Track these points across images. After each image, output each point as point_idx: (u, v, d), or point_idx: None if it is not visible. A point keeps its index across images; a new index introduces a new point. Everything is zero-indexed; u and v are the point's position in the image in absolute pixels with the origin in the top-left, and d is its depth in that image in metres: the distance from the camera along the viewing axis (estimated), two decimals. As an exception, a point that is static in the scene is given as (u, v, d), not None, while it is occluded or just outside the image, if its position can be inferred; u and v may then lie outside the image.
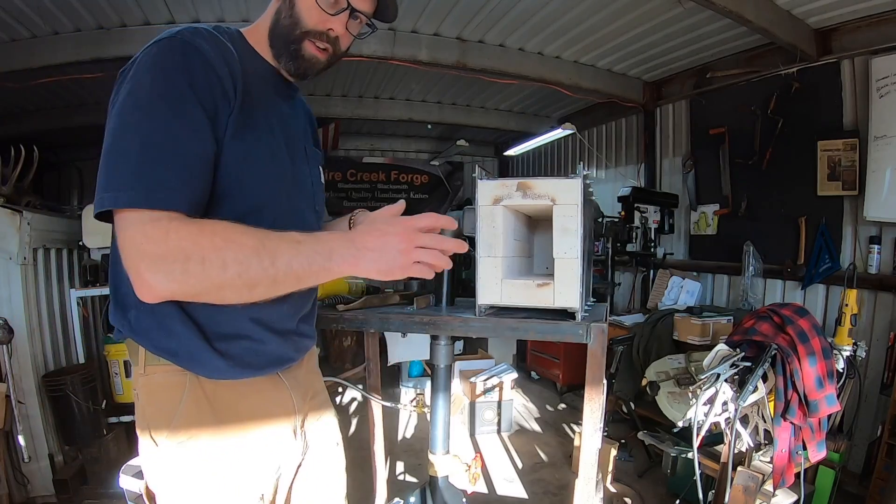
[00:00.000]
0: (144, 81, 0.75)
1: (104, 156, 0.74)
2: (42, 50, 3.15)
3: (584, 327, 1.12)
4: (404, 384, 4.11)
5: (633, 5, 2.95)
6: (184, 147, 0.75)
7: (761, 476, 1.64)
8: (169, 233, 0.70)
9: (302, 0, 0.89)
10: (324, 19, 0.90)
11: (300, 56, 0.92)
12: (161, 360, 0.84)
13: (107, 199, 0.71)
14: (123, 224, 0.72)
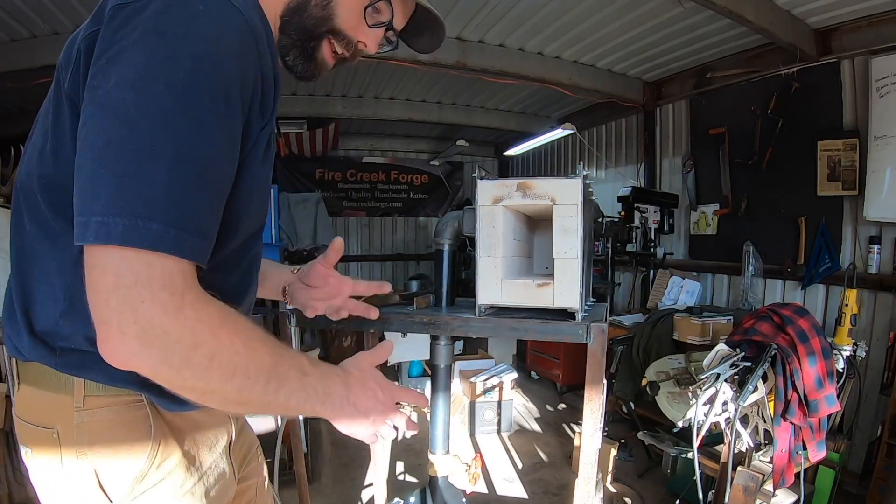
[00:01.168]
0: (184, 58, 0.53)
1: (110, 152, 0.52)
2: (42, 50, 3.15)
3: (584, 327, 1.12)
4: (404, 384, 4.11)
5: (633, 5, 2.95)
6: (225, 171, 0.59)
7: (761, 476, 1.64)
8: (185, 307, 0.53)
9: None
10: (360, 27, 0.79)
11: (313, 58, 0.79)
12: (111, 391, 0.66)
13: (118, 231, 0.50)
14: (123, 269, 0.51)
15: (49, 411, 0.67)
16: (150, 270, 0.52)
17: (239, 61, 0.59)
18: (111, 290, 0.51)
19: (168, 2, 0.55)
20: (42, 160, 0.65)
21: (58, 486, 0.68)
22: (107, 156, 0.52)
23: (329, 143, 5.97)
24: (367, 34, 0.81)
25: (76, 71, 0.60)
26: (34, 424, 0.69)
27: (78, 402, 0.66)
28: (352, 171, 6.83)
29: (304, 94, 4.79)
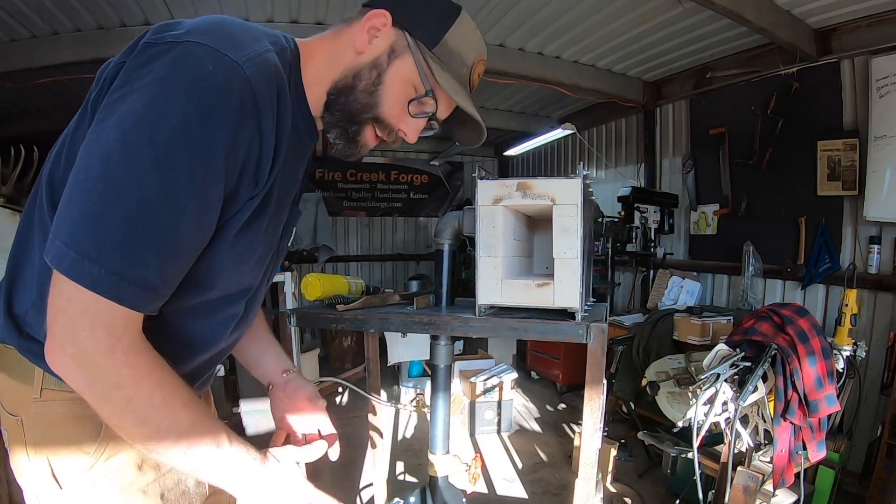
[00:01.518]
0: (175, 115, 0.57)
1: (85, 185, 0.56)
2: (42, 50, 3.15)
3: (584, 327, 1.12)
4: (404, 384, 4.11)
5: (633, 5, 2.95)
6: (186, 234, 0.61)
7: (761, 476, 1.64)
8: (116, 350, 0.58)
9: (391, 84, 0.78)
10: (403, 116, 0.81)
11: (355, 140, 0.81)
12: (66, 386, 0.66)
13: (67, 263, 0.55)
14: (74, 297, 0.56)
15: (16, 399, 0.73)
16: (95, 306, 0.57)
17: (232, 129, 0.61)
18: (60, 310, 0.57)
19: (184, 54, 0.59)
20: (55, 161, 0.69)
21: (23, 469, 0.73)
22: (82, 188, 0.56)
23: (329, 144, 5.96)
24: (408, 124, 0.82)
25: (99, 94, 0.64)
26: (7, 411, 0.75)
27: (36, 393, 0.71)
28: (352, 171, 6.83)
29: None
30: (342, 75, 0.78)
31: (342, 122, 0.79)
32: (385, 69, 0.77)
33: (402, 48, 0.78)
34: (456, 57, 0.82)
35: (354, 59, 0.78)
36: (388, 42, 0.78)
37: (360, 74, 0.77)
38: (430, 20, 0.79)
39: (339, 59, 0.78)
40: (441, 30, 0.80)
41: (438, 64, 0.80)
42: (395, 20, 0.77)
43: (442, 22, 0.80)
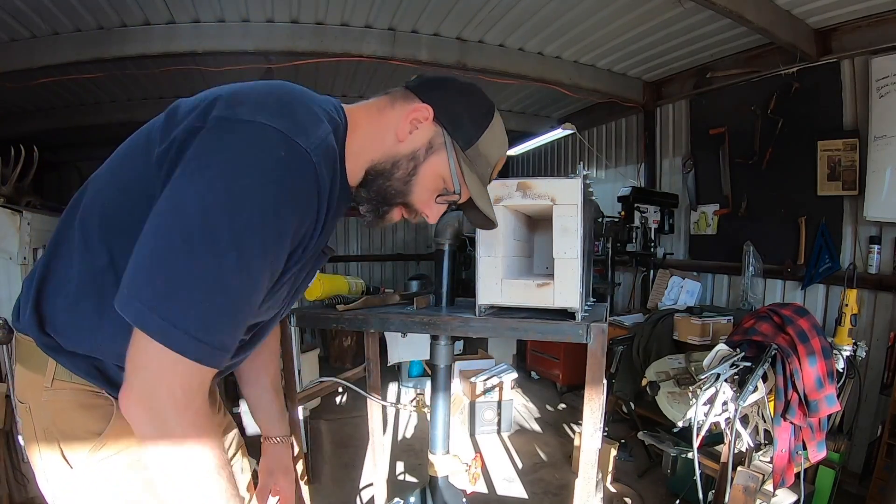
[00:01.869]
0: (254, 202, 0.63)
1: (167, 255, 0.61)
2: (42, 50, 3.15)
3: (584, 327, 1.12)
4: (404, 384, 4.11)
5: (633, 5, 2.95)
6: (255, 300, 0.68)
7: (761, 476, 1.64)
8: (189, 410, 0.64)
9: (424, 176, 0.85)
10: (429, 203, 0.88)
11: (384, 217, 0.88)
12: (77, 379, 0.78)
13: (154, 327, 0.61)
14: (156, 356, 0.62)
15: (26, 388, 0.81)
16: (175, 366, 0.62)
17: (300, 215, 0.69)
18: (142, 366, 0.63)
19: (258, 137, 0.65)
20: (111, 188, 0.76)
21: (34, 452, 0.80)
22: (166, 257, 0.62)
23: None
24: (433, 209, 0.90)
25: (168, 149, 0.69)
26: (18, 399, 0.83)
27: (48, 382, 0.78)
28: (352, 171, 6.82)
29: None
30: (382, 159, 0.84)
31: (375, 201, 0.86)
32: (421, 162, 0.85)
33: (439, 145, 0.85)
34: (483, 158, 0.89)
35: (394, 146, 0.84)
36: (427, 136, 0.84)
37: (398, 163, 0.84)
38: (467, 122, 0.86)
39: (380, 139, 0.84)
40: (476, 134, 0.87)
41: (468, 165, 0.87)
42: (436, 116, 0.84)
43: (478, 126, 0.87)
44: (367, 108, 0.87)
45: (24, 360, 0.81)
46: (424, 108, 0.83)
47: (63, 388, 0.78)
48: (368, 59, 3.43)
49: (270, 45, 3.26)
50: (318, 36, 3.27)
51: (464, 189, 0.88)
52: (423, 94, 0.85)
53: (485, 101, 0.90)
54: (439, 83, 0.88)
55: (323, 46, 3.29)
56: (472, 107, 0.87)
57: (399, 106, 0.85)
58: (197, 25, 3.16)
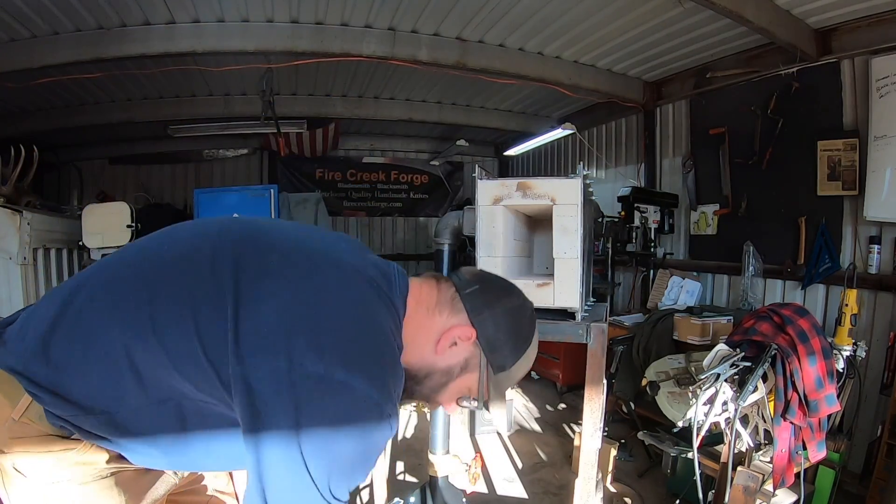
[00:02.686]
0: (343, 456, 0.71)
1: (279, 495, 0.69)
2: (42, 50, 3.15)
3: (584, 327, 1.12)
4: (404, 384, 4.11)
5: (633, 5, 2.95)
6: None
7: (761, 476, 1.64)
8: None
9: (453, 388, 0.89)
10: (450, 403, 0.92)
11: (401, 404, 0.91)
12: (47, 426, 0.78)
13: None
14: None
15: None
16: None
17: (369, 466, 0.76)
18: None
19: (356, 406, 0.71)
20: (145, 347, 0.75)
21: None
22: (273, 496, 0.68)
23: (329, 143, 5.96)
24: (452, 408, 0.93)
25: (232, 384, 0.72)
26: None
27: (16, 416, 0.78)
28: (352, 171, 6.83)
29: (305, 94, 4.80)
30: (417, 365, 0.86)
31: (406, 396, 0.88)
32: (453, 378, 0.88)
33: (474, 366, 0.87)
34: (511, 379, 0.92)
35: (431, 357, 0.86)
36: (464, 355, 0.87)
37: (431, 375, 0.87)
38: (507, 350, 0.88)
39: (419, 343, 0.86)
40: (511, 362, 0.89)
41: (495, 386, 0.90)
42: (478, 338, 0.86)
43: (515, 354, 0.89)
44: (419, 300, 0.87)
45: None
46: (469, 330, 0.85)
47: (28, 425, 0.78)
48: (368, 59, 3.43)
49: (270, 45, 3.26)
50: (318, 36, 3.27)
51: (488, 404, 0.91)
52: (472, 312, 0.86)
53: (527, 328, 0.91)
54: (490, 301, 0.88)
55: (323, 46, 3.29)
56: (514, 335, 0.88)
57: (446, 315, 0.87)
58: (197, 25, 3.16)
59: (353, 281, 0.79)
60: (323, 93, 4.83)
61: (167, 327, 0.75)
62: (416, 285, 0.89)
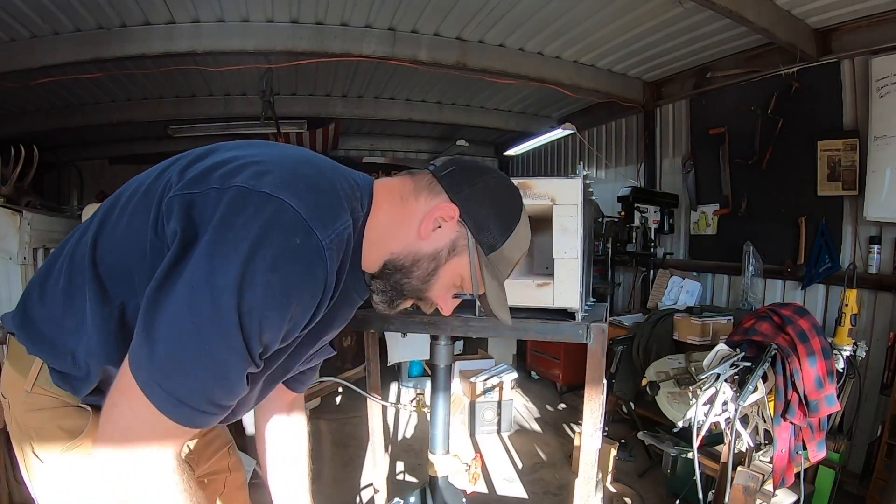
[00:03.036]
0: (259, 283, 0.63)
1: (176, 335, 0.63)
2: (42, 50, 3.15)
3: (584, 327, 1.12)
4: (404, 384, 4.11)
5: (633, 5, 2.95)
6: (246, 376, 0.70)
7: (761, 476, 1.64)
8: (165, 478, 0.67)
9: (444, 276, 0.84)
10: (444, 297, 0.88)
11: (395, 306, 0.88)
12: (55, 389, 0.79)
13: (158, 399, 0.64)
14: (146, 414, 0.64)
15: (10, 386, 0.84)
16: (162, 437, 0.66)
17: (302, 306, 0.69)
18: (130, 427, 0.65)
19: (278, 218, 0.64)
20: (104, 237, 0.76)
21: (15, 447, 0.84)
22: (173, 335, 0.63)
23: (329, 143, 5.96)
24: (448, 303, 0.89)
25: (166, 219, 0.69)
26: (2, 395, 0.86)
27: (28, 386, 0.80)
28: (352, 171, 6.82)
29: (305, 94, 4.79)
30: (402, 254, 0.82)
31: (391, 293, 0.85)
32: (442, 264, 0.83)
33: (462, 247, 0.83)
34: (505, 261, 0.87)
35: (416, 243, 0.82)
36: (450, 236, 0.82)
37: (418, 262, 0.82)
38: (494, 227, 0.83)
39: (402, 232, 0.82)
40: (501, 239, 0.84)
41: (489, 269, 0.85)
42: (462, 217, 0.82)
43: (504, 230, 0.84)
44: (390, 192, 0.84)
45: (13, 359, 0.84)
46: (451, 207, 0.81)
47: (41, 395, 0.80)
48: (368, 59, 3.43)
49: (270, 45, 3.26)
50: (318, 36, 3.27)
51: (481, 289, 0.87)
52: (451, 190, 0.82)
53: (514, 203, 0.87)
54: (469, 178, 0.84)
55: (323, 46, 3.29)
56: (500, 210, 0.84)
57: (424, 198, 0.83)
58: (197, 25, 3.16)
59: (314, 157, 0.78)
60: (323, 93, 4.83)
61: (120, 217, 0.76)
62: (385, 181, 0.86)
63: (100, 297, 0.74)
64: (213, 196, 0.67)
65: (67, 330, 0.77)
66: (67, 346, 0.77)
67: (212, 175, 0.69)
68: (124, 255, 0.73)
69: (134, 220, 0.74)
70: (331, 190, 0.72)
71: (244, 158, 0.72)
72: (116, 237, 0.75)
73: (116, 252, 0.74)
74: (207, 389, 0.66)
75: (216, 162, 0.72)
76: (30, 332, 0.80)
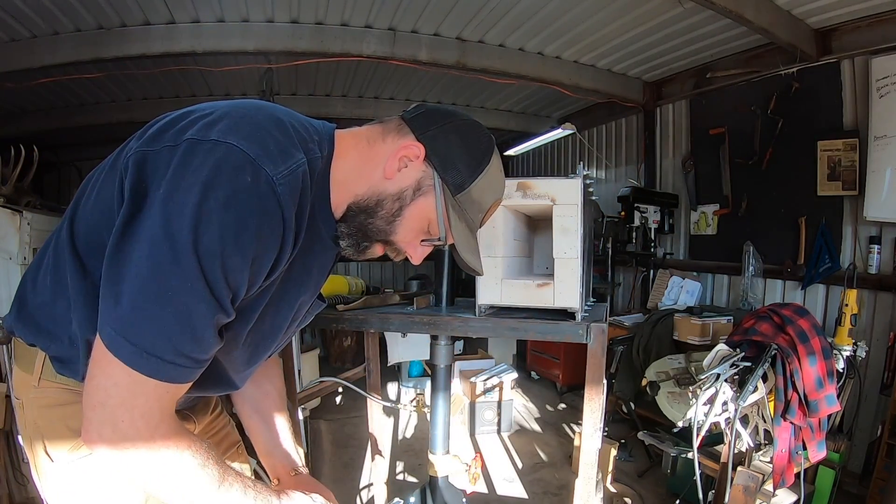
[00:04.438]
0: (214, 223, 0.62)
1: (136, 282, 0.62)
2: (42, 50, 3.15)
3: (584, 327, 1.12)
4: (404, 384, 4.11)
5: (633, 5, 2.95)
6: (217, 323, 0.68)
7: (761, 476, 1.64)
8: (155, 434, 0.66)
9: (409, 218, 0.81)
10: (413, 243, 0.85)
11: (364, 251, 0.85)
12: (60, 378, 0.80)
13: (125, 350, 0.62)
14: (122, 379, 0.63)
15: (20, 386, 0.84)
16: (144, 387, 0.64)
17: (262, 243, 0.67)
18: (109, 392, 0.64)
19: (225, 160, 0.64)
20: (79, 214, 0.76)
21: (26, 445, 0.84)
22: (134, 287, 0.62)
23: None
24: (416, 250, 0.86)
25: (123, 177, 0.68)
26: (15, 396, 0.86)
27: (35, 381, 0.81)
28: (352, 171, 6.82)
29: (305, 94, 4.79)
30: (366, 195, 0.80)
31: (356, 236, 0.83)
32: (407, 204, 0.81)
33: (428, 188, 0.80)
34: (475, 204, 0.84)
35: (380, 183, 0.80)
36: (415, 176, 0.80)
37: (382, 202, 0.80)
38: (461, 166, 0.81)
39: (366, 173, 0.81)
40: (469, 179, 0.81)
41: (457, 212, 0.83)
42: (428, 155, 0.80)
43: (472, 170, 0.82)
44: (356, 136, 0.83)
45: (18, 359, 0.84)
46: (416, 145, 0.79)
47: (48, 387, 0.80)
48: (368, 58, 3.42)
49: (270, 45, 3.26)
50: (318, 36, 3.27)
51: (449, 236, 0.83)
52: (418, 130, 0.81)
53: (483, 143, 0.84)
54: (436, 119, 0.82)
55: (323, 46, 3.29)
56: (468, 149, 0.82)
57: (391, 139, 0.81)
58: (197, 25, 3.16)
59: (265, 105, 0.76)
60: (323, 93, 4.83)
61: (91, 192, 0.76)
62: (353, 129, 0.84)
63: (80, 272, 0.74)
64: (165, 154, 0.67)
65: (59, 312, 0.77)
66: (62, 329, 0.77)
67: (166, 134, 0.69)
68: (98, 226, 0.73)
69: (103, 191, 0.73)
70: (281, 131, 0.71)
71: (196, 113, 0.72)
72: (88, 210, 0.75)
73: (90, 224, 0.74)
74: (174, 338, 0.64)
75: (170, 120, 0.72)
76: (26, 323, 0.81)
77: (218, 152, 0.64)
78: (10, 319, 0.83)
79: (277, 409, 1.12)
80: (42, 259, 0.82)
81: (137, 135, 0.74)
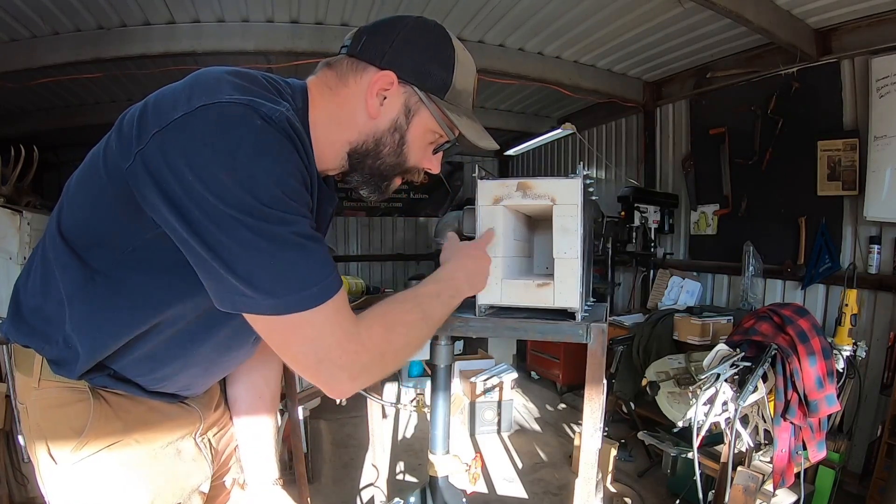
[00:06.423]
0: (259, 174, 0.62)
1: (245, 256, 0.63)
2: (42, 50, 3.15)
3: (584, 327, 1.12)
4: (404, 384, 4.11)
5: (633, 5, 2.95)
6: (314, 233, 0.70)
7: (761, 476, 1.64)
8: (365, 341, 0.71)
9: (414, 139, 0.82)
10: (427, 156, 0.86)
11: (386, 190, 0.86)
12: (58, 378, 0.79)
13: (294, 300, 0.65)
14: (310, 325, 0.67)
15: (22, 390, 0.84)
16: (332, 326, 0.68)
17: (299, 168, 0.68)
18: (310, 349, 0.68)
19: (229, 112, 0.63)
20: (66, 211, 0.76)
21: (31, 452, 0.83)
22: (252, 262, 0.63)
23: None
24: (432, 161, 0.88)
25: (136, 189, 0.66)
26: (19, 401, 0.86)
27: (35, 383, 0.80)
28: (352, 171, 6.82)
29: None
30: (361, 139, 0.81)
31: (374, 180, 0.84)
32: (406, 130, 0.81)
33: (417, 104, 0.80)
34: (464, 93, 0.84)
35: (370, 124, 0.80)
36: (399, 101, 0.80)
37: (381, 140, 0.81)
38: (434, 68, 0.80)
39: (349, 121, 0.80)
40: (448, 75, 0.81)
41: (453, 110, 0.82)
42: (400, 78, 0.78)
43: (445, 66, 0.81)
44: (317, 85, 0.82)
45: (18, 364, 0.84)
46: (384, 75, 0.77)
47: (49, 387, 0.80)
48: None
49: (270, 45, 3.26)
50: (318, 36, 3.27)
51: (457, 132, 0.84)
52: (375, 59, 0.78)
53: (437, 35, 0.81)
54: (384, 38, 0.79)
55: (323, 46, 3.29)
56: (429, 49, 0.80)
57: (353, 81, 0.80)
58: (197, 25, 3.16)
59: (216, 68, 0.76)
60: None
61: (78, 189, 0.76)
62: (309, 79, 0.84)
63: (80, 269, 0.73)
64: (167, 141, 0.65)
65: (51, 314, 0.77)
66: (55, 330, 0.76)
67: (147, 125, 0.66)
68: (91, 220, 0.72)
69: (90, 185, 0.73)
70: (257, 84, 0.71)
71: (164, 95, 0.69)
72: (77, 207, 0.75)
73: (81, 220, 0.74)
74: (310, 260, 0.66)
75: (144, 107, 0.69)
76: (20, 327, 0.80)
77: (213, 113, 0.63)
78: (6, 325, 0.83)
79: (267, 414, 1.12)
80: (31, 263, 0.82)
81: (114, 133, 0.71)
